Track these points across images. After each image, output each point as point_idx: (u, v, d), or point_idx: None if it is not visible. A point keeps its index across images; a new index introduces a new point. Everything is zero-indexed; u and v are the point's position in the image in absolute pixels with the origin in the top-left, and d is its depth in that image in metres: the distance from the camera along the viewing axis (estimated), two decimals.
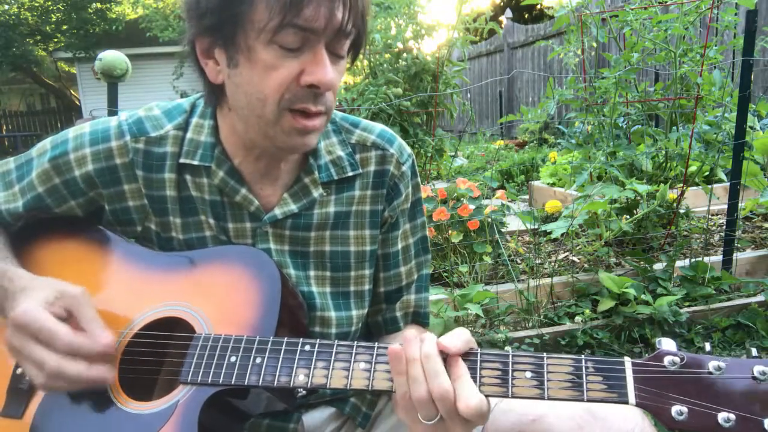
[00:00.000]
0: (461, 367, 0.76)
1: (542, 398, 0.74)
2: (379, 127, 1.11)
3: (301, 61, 0.86)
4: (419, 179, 1.15)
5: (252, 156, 0.99)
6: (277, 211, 1.01)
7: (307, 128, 0.90)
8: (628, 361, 0.74)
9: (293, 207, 1.02)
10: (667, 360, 0.72)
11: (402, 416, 0.78)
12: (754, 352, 0.74)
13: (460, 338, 0.78)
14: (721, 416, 0.68)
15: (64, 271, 1.01)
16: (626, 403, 0.72)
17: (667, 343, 0.74)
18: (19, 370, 0.93)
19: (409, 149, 1.13)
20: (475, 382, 0.76)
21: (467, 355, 0.78)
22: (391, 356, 0.77)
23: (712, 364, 0.71)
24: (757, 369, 0.69)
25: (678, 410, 0.69)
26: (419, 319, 1.19)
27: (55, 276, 0.99)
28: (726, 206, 3.13)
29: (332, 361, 0.82)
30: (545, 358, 0.76)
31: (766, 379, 0.69)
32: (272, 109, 0.88)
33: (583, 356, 0.76)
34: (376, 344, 0.83)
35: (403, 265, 1.14)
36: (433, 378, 0.74)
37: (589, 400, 0.73)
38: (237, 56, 0.87)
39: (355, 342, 0.83)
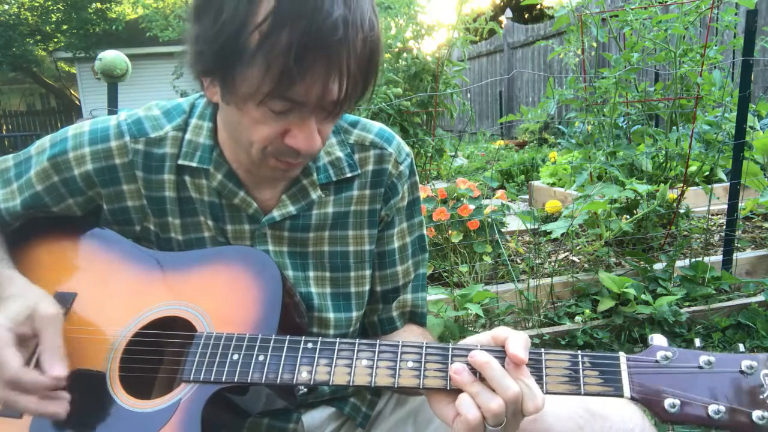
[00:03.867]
0: (522, 368, 0.76)
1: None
2: (377, 126, 1.11)
3: (288, 121, 0.84)
4: (417, 178, 1.14)
5: (247, 163, 0.99)
6: (276, 213, 1.01)
7: (290, 168, 0.92)
8: (622, 355, 0.77)
9: (291, 209, 1.02)
10: (659, 355, 0.75)
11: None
12: (741, 347, 0.76)
13: (522, 344, 0.77)
14: (712, 408, 0.71)
15: (63, 272, 1.01)
16: (621, 396, 0.75)
17: (658, 339, 0.78)
18: None
19: (407, 148, 1.13)
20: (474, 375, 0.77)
21: (467, 351, 0.79)
22: (456, 380, 0.77)
23: (702, 359, 0.74)
24: (745, 363, 0.72)
25: (671, 403, 0.72)
26: (416, 319, 1.18)
27: (54, 276, 0.99)
28: (726, 206, 3.14)
29: (335, 358, 0.82)
30: (543, 354, 0.78)
31: (753, 373, 0.72)
32: (257, 154, 0.88)
33: (579, 351, 0.78)
34: (378, 341, 0.83)
35: (400, 264, 1.13)
36: (501, 381, 0.75)
37: (586, 394, 0.75)
38: (228, 98, 0.85)
39: (358, 339, 0.84)
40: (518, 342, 0.77)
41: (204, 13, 0.81)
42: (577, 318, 2.65)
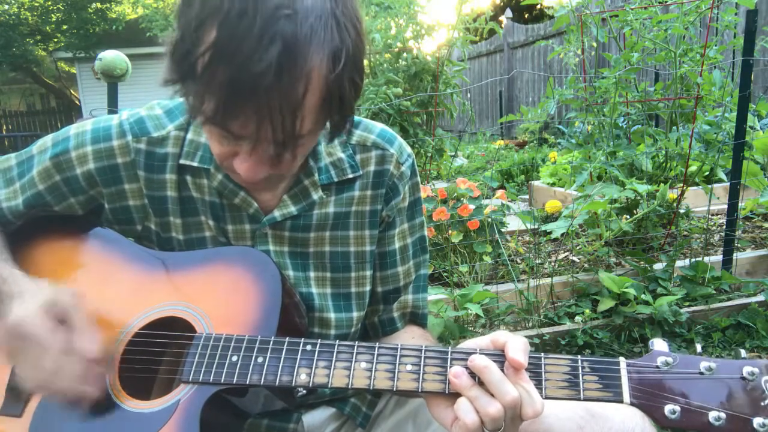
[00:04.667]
0: (521, 373, 0.76)
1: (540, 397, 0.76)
2: (379, 126, 1.11)
3: (237, 146, 0.83)
4: (419, 179, 1.14)
5: None
6: (277, 213, 1.01)
7: (251, 185, 0.92)
8: (622, 361, 0.76)
9: (292, 209, 1.02)
10: (659, 360, 0.75)
11: None
12: (743, 353, 0.76)
13: (522, 348, 0.77)
14: (712, 415, 0.70)
15: (64, 271, 1.01)
16: (621, 402, 0.74)
17: (659, 344, 0.77)
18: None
19: (409, 149, 1.13)
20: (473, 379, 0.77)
21: (466, 355, 0.79)
22: (455, 384, 0.77)
23: (703, 365, 0.73)
24: (746, 370, 0.72)
25: (671, 409, 0.72)
26: (417, 319, 1.18)
27: (54, 275, 0.99)
28: (726, 206, 3.14)
29: (334, 360, 0.82)
30: (543, 359, 0.78)
31: (754, 380, 0.71)
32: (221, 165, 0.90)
33: (579, 356, 0.78)
34: (377, 344, 0.83)
35: (401, 264, 1.13)
36: (499, 386, 0.75)
37: (585, 399, 0.75)
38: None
39: (357, 342, 0.83)
40: (517, 346, 0.77)
41: (176, 21, 0.81)
42: (577, 318, 2.65)
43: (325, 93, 0.78)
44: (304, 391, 1.05)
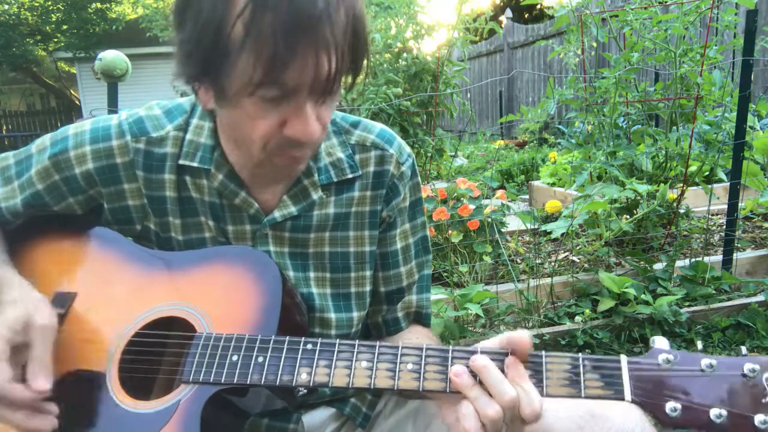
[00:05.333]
0: (520, 371, 0.76)
1: (540, 395, 0.75)
2: (378, 126, 1.11)
3: (284, 111, 0.83)
4: (419, 179, 1.14)
5: (250, 164, 0.99)
6: (277, 214, 1.01)
7: (295, 163, 0.92)
8: (623, 359, 0.76)
9: (293, 209, 1.02)
10: (660, 358, 0.74)
11: None
12: (743, 350, 0.76)
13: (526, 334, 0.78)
14: (713, 412, 0.70)
15: (63, 271, 1.01)
16: (622, 399, 0.74)
17: (660, 342, 0.77)
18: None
19: (408, 149, 1.12)
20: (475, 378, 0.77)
21: (468, 354, 0.79)
22: (456, 383, 0.77)
23: (704, 362, 0.73)
24: (747, 367, 0.71)
25: (672, 407, 0.71)
26: (421, 319, 1.18)
27: (53, 276, 0.99)
28: (726, 206, 3.14)
29: (334, 359, 0.82)
30: (544, 356, 0.78)
31: (755, 377, 0.71)
32: (260, 153, 0.88)
33: (580, 354, 0.77)
34: (377, 343, 0.83)
35: (403, 265, 1.13)
36: (497, 386, 0.74)
37: (586, 397, 0.75)
38: (222, 100, 0.85)
39: (357, 341, 0.83)
40: (522, 333, 0.77)
41: (185, 19, 0.81)
42: (577, 318, 2.65)
43: (353, 27, 0.81)
44: (305, 391, 1.05)
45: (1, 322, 0.84)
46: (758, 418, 0.68)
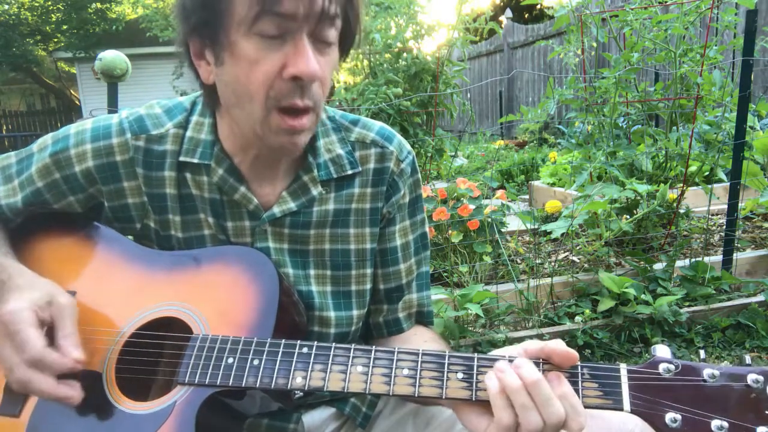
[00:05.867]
0: (565, 385, 0.74)
1: None
2: (378, 124, 1.11)
3: (283, 52, 0.84)
4: (419, 176, 1.14)
5: (250, 155, 0.99)
6: (276, 210, 1.01)
7: (294, 128, 0.89)
8: (623, 368, 0.74)
9: (292, 205, 1.02)
10: (662, 367, 0.73)
11: None
12: (747, 359, 0.74)
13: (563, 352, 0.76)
14: (715, 424, 0.68)
15: (62, 270, 1.01)
16: (621, 409, 0.72)
17: (661, 350, 0.75)
18: None
19: (408, 146, 1.13)
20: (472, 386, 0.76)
21: (471, 360, 0.78)
22: (493, 390, 0.74)
23: (707, 372, 0.71)
24: (751, 377, 0.69)
25: (672, 417, 0.70)
26: (423, 318, 1.18)
27: (51, 274, 0.99)
28: (726, 206, 3.13)
29: (330, 363, 0.82)
30: (541, 364, 0.76)
31: (759, 388, 0.69)
32: (260, 107, 0.87)
33: (579, 363, 0.76)
34: (373, 347, 0.82)
35: (402, 262, 1.13)
36: (546, 405, 0.72)
37: (585, 407, 0.73)
38: (222, 54, 0.87)
39: (353, 345, 0.83)
40: (565, 347, 0.76)
41: None
42: (577, 318, 2.65)
43: None
44: (301, 394, 1.05)
45: (24, 299, 0.87)
46: (761, 430, 0.67)
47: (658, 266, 2.94)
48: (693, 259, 3.00)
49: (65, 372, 0.84)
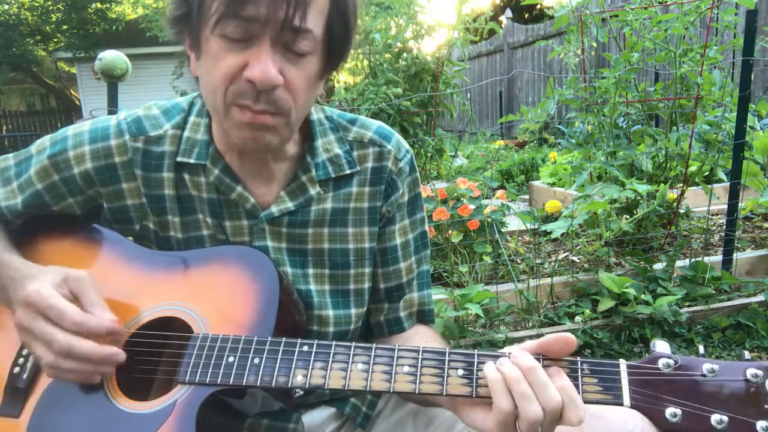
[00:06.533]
0: (564, 379, 0.75)
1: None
2: (376, 123, 1.11)
3: (246, 54, 0.85)
4: (418, 175, 1.15)
5: (236, 154, 1.00)
6: (274, 209, 1.01)
7: (254, 122, 0.88)
8: (623, 363, 0.75)
9: (290, 205, 1.02)
10: (661, 362, 0.73)
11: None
12: (746, 354, 0.74)
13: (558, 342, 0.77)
14: (715, 418, 0.69)
15: None
16: (621, 404, 0.73)
17: (661, 346, 0.75)
18: (16, 369, 0.93)
19: (407, 145, 1.13)
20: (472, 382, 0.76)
21: (472, 357, 0.78)
22: (492, 378, 0.75)
23: (706, 367, 0.72)
24: (750, 372, 0.70)
25: (672, 412, 0.70)
26: (424, 317, 1.18)
27: None
28: (726, 206, 3.13)
29: (330, 361, 0.82)
30: (541, 360, 0.77)
31: (758, 382, 0.69)
32: (221, 102, 0.88)
33: (578, 358, 0.76)
34: (374, 345, 0.82)
35: (402, 260, 1.13)
36: (543, 391, 0.73)
37: (585, 402, 0.74)
38: (199, 49, 0.89)
39: (353, 343, 0.83)
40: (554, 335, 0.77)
41: None
42: (577, 318, 2.65)
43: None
44: (302, 392, 1.05)
45: (41, 280, 0.88)
46: (761, 425, 0.67)
47: (658, 266, 2.94)
48: (693, 259, 3.00)
49: (104, 335, 0.85)
